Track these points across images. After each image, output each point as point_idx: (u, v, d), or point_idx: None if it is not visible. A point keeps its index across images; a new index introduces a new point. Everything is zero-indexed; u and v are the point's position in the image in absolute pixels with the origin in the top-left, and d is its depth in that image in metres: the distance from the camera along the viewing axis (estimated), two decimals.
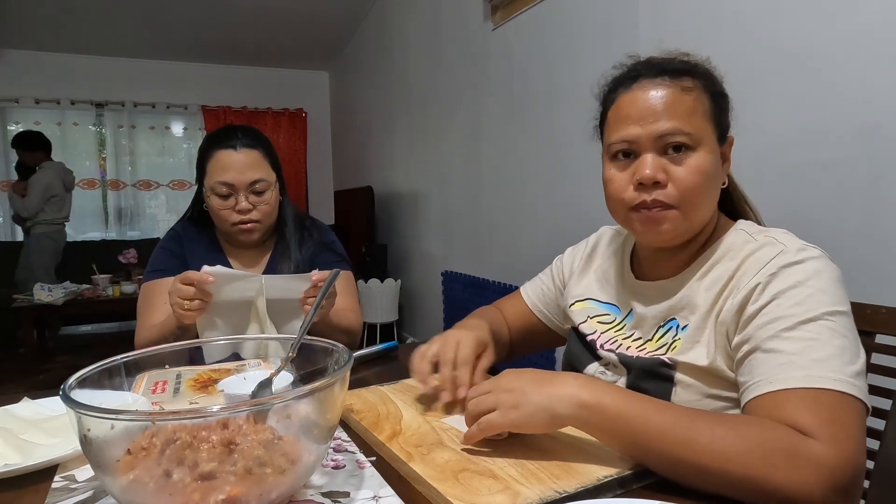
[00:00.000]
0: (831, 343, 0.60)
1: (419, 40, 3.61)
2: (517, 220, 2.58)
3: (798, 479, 0.53)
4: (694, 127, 0.70)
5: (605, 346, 0.83)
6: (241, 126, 1.28)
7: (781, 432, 0.55)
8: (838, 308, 0.63)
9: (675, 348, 0.73)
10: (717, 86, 0.75)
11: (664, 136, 0.70)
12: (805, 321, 0.61)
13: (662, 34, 1.71)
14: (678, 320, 0.75)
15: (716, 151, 0.72)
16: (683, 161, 0.70)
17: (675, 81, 0.71)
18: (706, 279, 0.73)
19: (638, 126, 0.71)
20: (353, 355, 0.62)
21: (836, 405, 0.57)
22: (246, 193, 1.20)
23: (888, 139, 1.15)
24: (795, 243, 0.68)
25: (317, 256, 1.33)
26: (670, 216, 0.71)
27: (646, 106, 0.71)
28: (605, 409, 0.59)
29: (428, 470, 0.59)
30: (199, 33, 4.89)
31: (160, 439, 0.49)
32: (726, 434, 0.56)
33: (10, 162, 5.14)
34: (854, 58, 1.20)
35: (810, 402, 0.57)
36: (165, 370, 0.75)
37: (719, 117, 0.73)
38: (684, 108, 0.70)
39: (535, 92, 2.39)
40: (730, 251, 0.73)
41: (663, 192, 0.70)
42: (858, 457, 0.55)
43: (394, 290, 3.88)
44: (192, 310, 1.02)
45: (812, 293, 0.63)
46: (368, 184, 4.46)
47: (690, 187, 0.69)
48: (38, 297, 3.68)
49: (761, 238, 0.71)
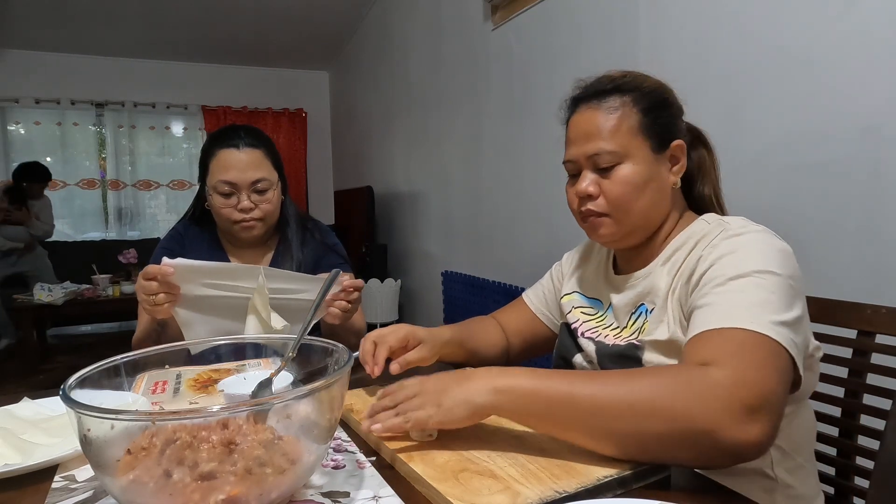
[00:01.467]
0: (756, 295, 0.64)
1: (419, 40, 3.61)
2: (517, 220, 2.58)
3: (699, 402, 0.56)
4: (618, 144, 0.78)
5: (585, 333, 0.90)
6: (244, 126, 1.28)
7: (682, 368, 0.60)
8: (771, 269, 0.66)
9: (644, 330, 0.80)
10: (651, 99, 0.81)
11: (593, 155, 0.80)
12: (734, 277, 0.67)
13: (662, 34, 1.71)
14: (646, 305, 0.82)
15: (647, 161, 0.79)
16: (611, 175, 0.79)
17: (601, 103, 0.80)
18: (668, 264, 0.81)
19: (576, 146, 0.82)
20: (353, 355, 0.62)
21: (748, 342, 0.60)
22: (248, 192, 1.21)
23: (888, 139, 1.14)
24: (741, 221, 0.76)
25: (321, 259, 1.33)
26: (604, 222, 0.81)
27: (578, 130, 0.82)
28: (516, 389, 0.63)
29: (428, 470, 0.59)
30: (199, 33, 4.89)
31: (160, 439, 0.49)
32: (633, 382, 0.60)
33: (10, 162, 5.15)
34: (854, 58, 1.20)
35: (719, 339, 0.62)
36: (165, 370, 0.75)
37: (652, 129, 0.80)
38: (609, 127, 0.79)
39: (535, 92, 2.39)
40: (689, 239, 0.80)
41: (594, 203, 0.81)
42: (762, 382, 0.57)
43: (394, 290, 3.88)
44: (158, 304, 0.99)
45: (746, 256, 0.69)
46: (368, 184, 4.46)
47: (617, 197, 0.79)
48: (38, 297, 3.68)
49: (715, 222, 0.79)
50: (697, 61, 1.58)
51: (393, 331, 0.89)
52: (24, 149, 5.25)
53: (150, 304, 1.00)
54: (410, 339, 0.89)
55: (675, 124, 0.83)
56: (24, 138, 5.28)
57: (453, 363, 0.99)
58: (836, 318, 0.87)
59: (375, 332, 0.90)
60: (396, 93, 4.09)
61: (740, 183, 1.45)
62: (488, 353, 1.03)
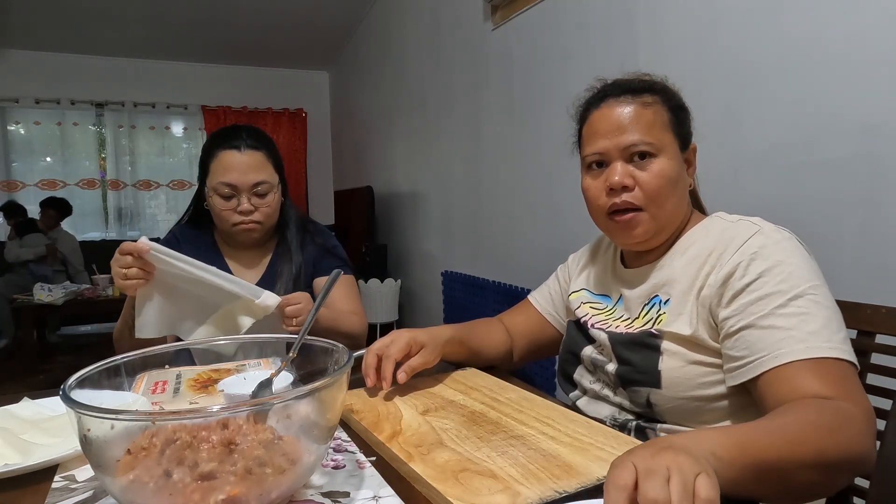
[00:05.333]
0: (819, 315, 0.68)
1: (419, 40, 3.61)
2: (517, 220, 2.58)
3: (858, 442, 0.58)
4: (655, 137, 0.79)
5: (595, 325, 0.90)
6: (246, 126, 1.27)
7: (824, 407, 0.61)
8: (816, 282, 0.71)
9: (662, 321, 0.80)
10: (676, 100, 0.84)
11: (629, 146, 0.79)
12: (794, 297, 0.69)
13: (662, 34, 1.71)
14: (661, 296, 0.82)
15: (677, 158, 0.81)
16: (647, 167, 0.79)
17: (636, 98, 0.81)
18: (684, 257, 0.81)
19: (607, 139, 0.81)
20: (353, 355, 0.62)
21: (837, 370, 0.65)
22: (248, 195, 1.20)
23: (888, 138, 1.14)
24: (770, 224, 0.76)
25: (319, 261, 1.32)
26: (641, 219, 0.80)
27: (612, 121, 0.81)
28: None
29: (428, 470, 0.59)
30: (199, 33, 4.89)
31: (160, 439, 0.49)
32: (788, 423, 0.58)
33: (10, 162, 5.16)
34: (854, 57, 1.20)
35: (816, 371, 0.64)
36: (165, 370, 0.76)
37: (679, 128, 0.82)
38: (646, 120, 0.80)
39: (535, 92, 2.39)
40: (705, 232, 0.81)
41: (631, 195, 0.80)
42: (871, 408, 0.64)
43: (394, 290, 3.88)
44: (130, 278, 1.00)
45: (793, 270, 0.71)
46: (368, 184, 4.46)
47: (655, 189, 0.79)
48: (38, 297, 3.68)
49: (734, 220, 0.80)
50: (697, 61, 1.58)
51: (394, 340, 0.88)
52: (24, 149, 5.26)
53: (122, 278, 1.01)
54: (413, 345, 0.88)
55: (691, 128, 0.86)
56: (24, 138, 5.28)
57: (455, 363, 0.99)
58: None
59: (378, 345, 0.88)
60: (396, 93, 4.09)
61: (740, 182, 1.45)
62: (490, 354, 1.02)
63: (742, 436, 0.55)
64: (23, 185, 5.24)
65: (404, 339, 0.88)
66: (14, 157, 5.20)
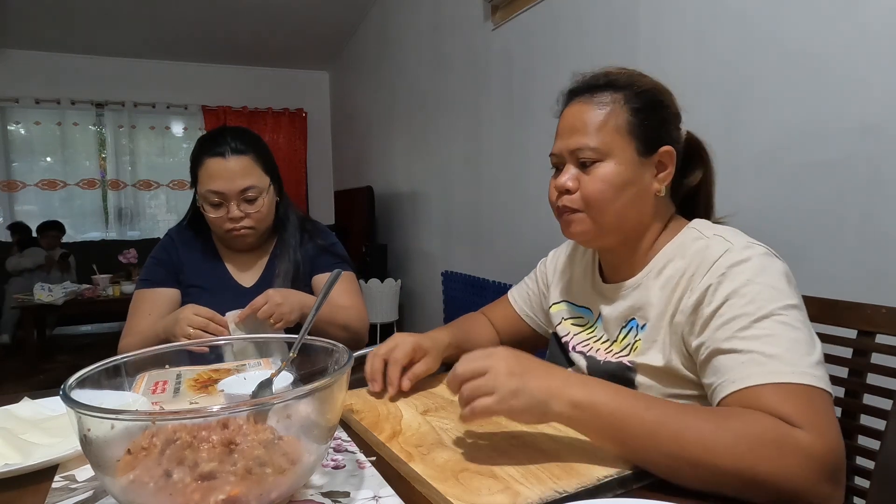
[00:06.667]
0: (786, 337, 0.63)
1: (419, 40, 3.61)
2: (517, 221, 2.58)
3: (785, 468, 0.55)
4: (601, 141, 0.77)
5: (576, 347, 0.89)
6: (232, 130, 1.25)
7: (768, 422, 0.58)
8: (788, 302, 0.66)
9: (636, 349, 0.78)
10: (644, 99, 0.78)
11: (574, 151, 0.79)
12: (758, 318, 0.65)
13: (662, 34, 1.71)
14: (637, 320, 0.80)
15: (630, 162, 0.77)
16: (591, 172, 0.78)
17: (593, 98, 0.79)
18: (660, 278, 0.78)
19: (561, 141, 0.81)
20: (353, 355, 0.62)
21: (802, 396, 0.60)
22: (237, 202, 1.18)
23: (888, 138, 1.14)
24: (742, 240, 0.72)
25: (317, 259, 1.32)
26: (577, 218, 0.80)
27: (566, 124, 0.81)
28: (596, 408, 0.60)
29: (428, 470, 0.59)
30: (199, 33, 4.89)
31: (160, 439, 0.49)
32: (715, 428, 0.57)
33: (10, 162, 5.15)
34: (854, 57, 1.20)
35: (778, 396, 0.60)
36: (165, 370, 0.76)
37: (641, 130, 0.77)
38: (595, 123, 0.78)
39: (535, 92, 2.39)
40: (680, 249, 0.78)
41: (569, 198, 0.80)
42: (840, 444, 0.58)
43: (394, 290, 3.88)
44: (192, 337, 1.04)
45: (761, 289, 0.67)
46: (368, 184, 4.46)
47: (592, 194, 0.77)
48: (38, 297, 3.68)
49: (709, 234, 0.76)
50: (697, 61, 1.58)
51: (398, 345, 0.87)
52: (25, 149, 5.26)
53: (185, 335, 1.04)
54: (417, 350, 0.88)
55: (667, 129, 0.80)
56: (24, 138, 5.28)
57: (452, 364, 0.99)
58: (836, 318, 0.87)
59: (383, 349, 0.88)
60: (396, 93, 4.09)
61: (740, 183, 1.45)
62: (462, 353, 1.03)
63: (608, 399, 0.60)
64: (23, 185, 5.25)
65: (409, 345, 0.87)
66: (14, 157, 5.20)
